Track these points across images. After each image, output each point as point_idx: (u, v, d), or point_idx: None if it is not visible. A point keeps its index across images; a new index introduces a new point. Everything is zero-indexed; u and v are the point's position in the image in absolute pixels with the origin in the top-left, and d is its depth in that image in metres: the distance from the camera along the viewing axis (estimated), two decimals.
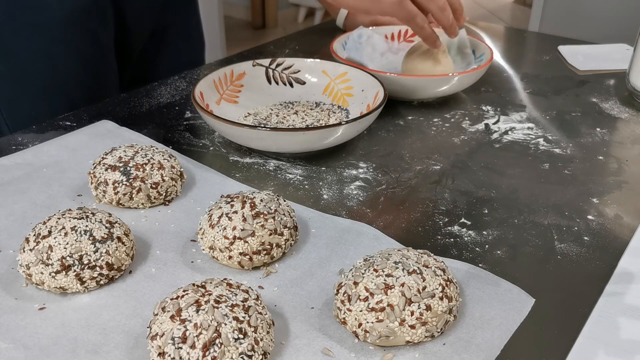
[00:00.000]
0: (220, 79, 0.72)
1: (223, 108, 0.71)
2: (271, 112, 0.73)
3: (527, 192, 0.60)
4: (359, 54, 0.84)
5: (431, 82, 0.74)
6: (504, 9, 4.08)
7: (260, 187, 0.60)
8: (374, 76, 0.71)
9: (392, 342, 0.40)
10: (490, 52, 0.81)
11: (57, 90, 0.80)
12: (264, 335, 0.38)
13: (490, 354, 0.40)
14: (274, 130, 0.59)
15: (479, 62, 0.83)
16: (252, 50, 1.00)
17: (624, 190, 0.61)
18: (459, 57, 0.86)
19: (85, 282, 0.44)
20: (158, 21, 0.91)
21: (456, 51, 0.86)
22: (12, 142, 0.66)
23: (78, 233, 0.44)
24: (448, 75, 0.74)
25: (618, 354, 0.40)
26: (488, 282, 0.46)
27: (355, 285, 0.41)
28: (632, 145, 0.70)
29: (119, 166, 0.54)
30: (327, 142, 0.62)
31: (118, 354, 0.40)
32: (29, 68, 0.77)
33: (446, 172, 0.64)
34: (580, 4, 2.44)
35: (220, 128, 0.62)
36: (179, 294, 0.39)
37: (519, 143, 0.70)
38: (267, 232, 0.47)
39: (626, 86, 0.83)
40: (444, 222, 0.55)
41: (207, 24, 1.12)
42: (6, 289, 0.45)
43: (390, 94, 0.73)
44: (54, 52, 0.77)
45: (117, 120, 0.70)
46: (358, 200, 0.58)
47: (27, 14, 0.74)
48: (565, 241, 0.52)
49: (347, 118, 0.72)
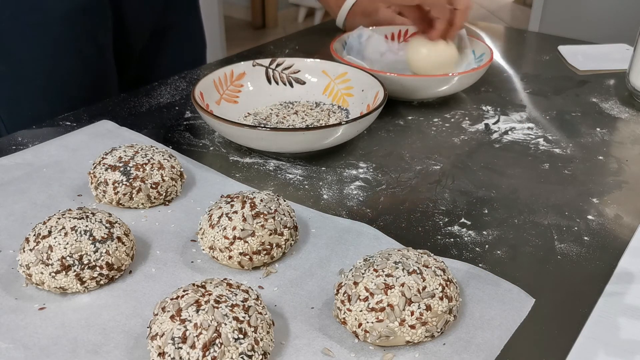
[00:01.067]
0: (220, 79, 0.72)
1: (223, 108, 0.71)
2: (271, 112, 0.73)
3: (527, 192, 0.60)
4: (359, 54, 0.84)
5: (431, 82, 0.74)
6: (504, 9, 4.08)
7: (260, 187, 0.60)
8: (374, 76, 0.71)
9: (392, 342, 0.40)
10: (490, 52, 0.81)
11: (56, 90, 0.80)
12: (264, 335, 0.38)
13: (490, 354, 0.40)
14: (274, 130, 0.59)
15: (479, 62, 0.83)
16: (252, 50, 1.00)
17: (624, 190, 0.61)
18: (459, 57, 0.86)
19: (85, 282, 0.44)
20: (158, 21, 0.91)
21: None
22: (12, 142, 0.66)
23: (78, 233, 0.44)
24: (448, 75, 0.74)
25: (618, 354, 0.40)
26: (488, 282, 0.46)
27: (355, 285, 0.41)
28: (632, 145, 0.70)
29: (119, 166, 0.54)
30: (327, 142, 0.62)
31: (118, 354, 0.40)
32: (28, 68, 0.77)
33: (446, 172, 0.64)
34: (580, 4, 2.44)
35: (220, 128, 0.62)
36: (179, 294, 0.39)
37: (519, 143, 0.70)
38: (267, 232, 0.47)
39: (626, 86, 0.83)
40: (444, 222, 0.55)
41: (207, 24, 1.12)
42: (6, 289, 0.45)
43: (390, 94, 0.73)
44: (52, 52, 0.77)
45: (117, 120, 0.70)
46: (358, 200, 0.58)
47: (26, 14, 0.74)
48: (565, 241, 0.52)
49: (347, 118, 0.72)
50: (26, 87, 0.78)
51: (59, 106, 0.77)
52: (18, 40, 0.75)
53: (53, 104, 0.79)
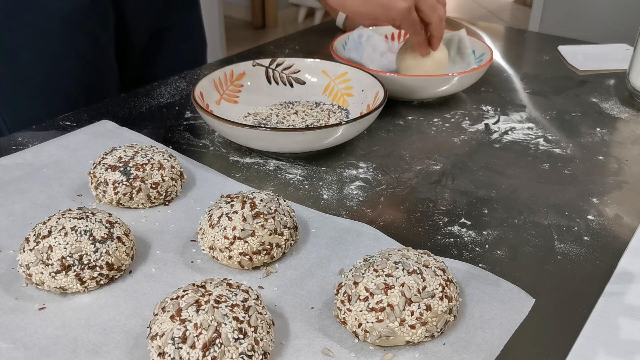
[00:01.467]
0: (220, 79, 0.72)
1: (223, 108, 0.71)
2: (271, 112, 0.73)
3: (527, 192, 0.60)
4: (359, 54, 0.84)
5: (431, 82, 0.74)
6: (504, 9, 4.08)
7: (260, 187, 0.60)
8: (374, 76, 0.71)
9: (392, 342, 0.40)
10: (490, 52, 0.81)
11: (56, 90, 0.80)
12: (264, 335, 0.38)
13: (490, 354, 0.40)
14: (274, 130, 0.59)
15: (479, 62, 0.83)
16: (252, 50, 1.00)
17: (624, 190, 0.61)
18: (459, 57, 0.86)
19: (85, 282, 0.44)
20: (159, 22, 0.91)
21: (456, 51, 0.86)
22: (12, 142, 0.66)
23: (78, 233, 0.44)
24: (448, 75, 0.74)
25: (618, 354, 0.40)
26: (488, 282, 0.46)
27: (355, 285, 0.41)
28: (632, 145, 0.70)
29: (119, 166, 0.54)
30: (327, 142, 0.62)
31: (118, 354, 0.40)
32: (28, 68, 0.77)
33: (446, 172, 0.64)
34: (580, 4, 2.44)
35: (220, 128, 0.62)
36: (179, 294, 0.39)
37: (519, 143, 0.70)
38: (267, 232, 0.47)
39: (626, 86, 0.83)
40: (444, 222, 0.55)
41: (207, 24, 1.12)
42: (6, 289, 0.45)
43: (390, 94, 0.73)
44: (52, 53, 0.77)
45: (117, 120, 0.70)
46: (358, 200, 0.58)
47: (25, 14, 0.74)
48: (565, 241, 0.52)
49: (347, 118, 0.72)
50: (25, 87, 0.78)
51: (58, 107, 0.77)
52: (17, 41, 0.75)
53: (52, 104, 0.79)
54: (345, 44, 0.87)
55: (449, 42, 0.86)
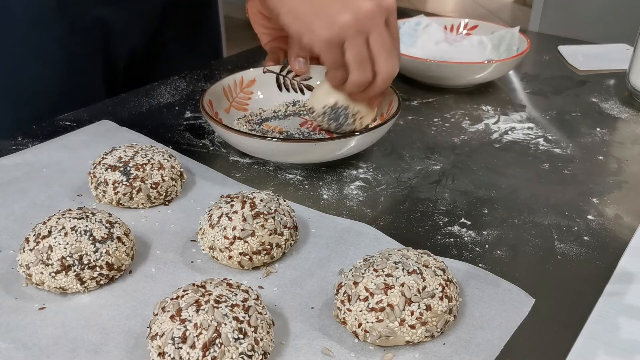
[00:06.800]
0: (230, 86, 0.71)
1: (232, 116, 0.70)
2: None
3: (527, 192, 0.60)
4: (412, 41, 0.85)
5: (469, 68, 0.78)
6: (504, 9, 4.08)
7: (260, 187, 0.60)
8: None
9: (392, 342, 0.40)
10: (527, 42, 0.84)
11: (20, 98, 0.76)
12: (264, 335, 0.38)
13: (490, 354, 0.40)
14: (284, 142, 0.58)
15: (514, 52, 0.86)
16: (252, 50, 1.00)
17: (624, 190, 0.61)
18: (505, 54, 0.89)
19: (85, 282, 0.44)
20: (159, 22, 0.91)
21: (506, 47, 0.89)
22: (12, 142, 0.66)
23: (78, 233, 0.44)
24: (484, 63, 0.78)
25: (618, 354, 0.40)
26: (488, 282, 0.46)
27: (355, 285, 0.41)
28: (632, 145, 0.70)
29: (119, 166, 0.54)
30: (340, 153, 0.60)
31: (118, 354, 0.40)
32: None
33: (446, 172, 0.64)
34: (580, 4, 2.44)
35: (231, 139, 0.60)
36: (179, 294, 0.39)
37: (519, 143, 0.70)
38: (267, 232, 0.47)
39: (626, 86, 0.83)
40: (444, 222, 0.55)
41: None
42: (6, 289, 0.45)
43: (429, 81, 0.79)
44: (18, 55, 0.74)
45: (117, 120, 0.70)
46: (358, 200, 0.58)
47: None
48: (565, 241, 0.52)
49: None
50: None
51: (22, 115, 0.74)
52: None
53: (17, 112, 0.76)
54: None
55: (502, 39, 0.89)
